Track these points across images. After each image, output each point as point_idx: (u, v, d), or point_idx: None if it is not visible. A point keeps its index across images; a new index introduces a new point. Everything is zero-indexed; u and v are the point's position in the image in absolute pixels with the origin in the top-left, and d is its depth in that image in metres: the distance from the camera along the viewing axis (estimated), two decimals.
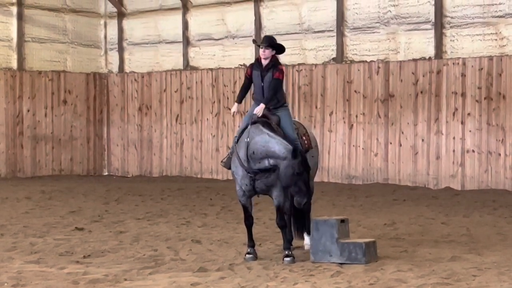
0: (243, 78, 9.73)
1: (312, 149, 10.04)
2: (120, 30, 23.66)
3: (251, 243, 9.65)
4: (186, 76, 22.28)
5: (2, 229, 12.09)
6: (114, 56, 23.81)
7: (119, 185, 19.49)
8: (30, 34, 22.35)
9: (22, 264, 9.29)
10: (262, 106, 9.72)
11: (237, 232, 11.86)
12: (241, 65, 21.27)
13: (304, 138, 9.96)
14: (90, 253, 10.01)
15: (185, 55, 22.34)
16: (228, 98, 21.45)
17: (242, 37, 21.27)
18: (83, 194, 17.36)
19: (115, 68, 23.81)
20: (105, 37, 23.90)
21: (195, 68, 22.22)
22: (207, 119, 21.92)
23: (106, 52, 23.94)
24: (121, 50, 23.68)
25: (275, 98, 9.81)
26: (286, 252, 9.40)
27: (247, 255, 9.51)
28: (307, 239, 9.96)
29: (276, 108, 9.85)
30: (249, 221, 9.73)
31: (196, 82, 22.10)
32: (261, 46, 9.75)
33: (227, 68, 21.54)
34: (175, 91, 22.46)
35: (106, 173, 23.52)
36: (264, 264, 9.15)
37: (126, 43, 23.66)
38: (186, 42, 22.36)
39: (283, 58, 20.46)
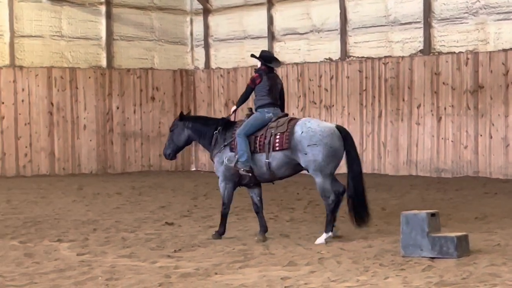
0: (329, 72, 9.97)
1: (287, 149, 10.30)
2: (206, 27, 23.87)
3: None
4: None
5: (95, 224, 12.36)
6: (200, 53, 24.05)
7: (207, 180, 19.66)
8: (118, 33, 22.78)
9: (115, 258, 9.48)
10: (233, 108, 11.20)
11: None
12: (326, 59, 21.20)
13: (278, 137, 10.38)
14: (180, 247, 10.13)
15: (270, 50, 22.35)
16: (313, 92, 21.41)
17: (328, 31, 21.19)
18: (172, 189, 17.59)
19: (201, 64, 24.04)
20: (191, 33, 24.16)
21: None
22: (293, 113, 21.89)
23: (192, 48, 24.21)
24: (207, 46, 23.89)
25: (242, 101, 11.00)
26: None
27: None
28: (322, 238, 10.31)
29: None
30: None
31: (282, 77, 22.08)
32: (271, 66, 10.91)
33: (312, 63, 21.50)
34: None
35: (194, 169, 23.79)
36: (354, 258, 9.11)
37: (211, 40, 23.86)
38: (271, 37, 22.41)
39: (369, 51, 20.43)
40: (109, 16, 22.59)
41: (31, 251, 9.92)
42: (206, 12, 23.86)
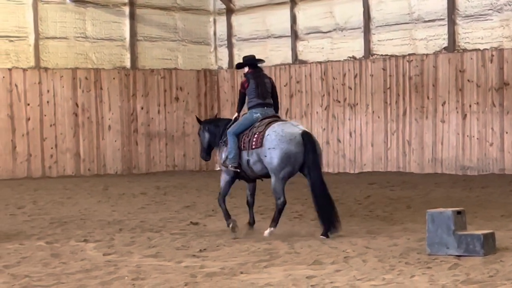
0: (352, 70, 10.20)
1: (262, 148, 10.82)
2: (229, 26, 23.90)
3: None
4: (295, 70, 22.32)
5: (121, 224, 12.41)
6: (223, 52, 24.08)
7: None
8: (142, 33, 22.87)
9: (141, 258, 9.50)
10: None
11: (350, 225, 11.80)
12: (350, 57, 21.15)
13: (256, 136, 10.95)
14: (205, 247, 10.14)
15: (294, 49, 22.38)
16: (337, 91, 21.38)
17: (351, 29, 21.14)
18: (196, 189, 17.63)
19: (224, 64, 24.08)
20: (215, 33, 24.20)
21: (304, 62, 22.23)
22: (317, 112, 21.89)
23: (215, 48, 24.24)
24: (230, 46, 23.92)
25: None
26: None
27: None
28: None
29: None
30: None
31: (305, 76, 22.10)
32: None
33: (336, 61, 21.46)
34: (284, 85, 22.53)
35: (218, 168, 23.76)
36: (379, 257, 9.07)
37: (235, 39, 23.88)
38: (295, 36, 22.39)
39: (392, 49, 20.35)
40: (132, 17, 22.69)
41: (57, 252, 9.98)
42: (229, 12, 23.89)
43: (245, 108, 11.45)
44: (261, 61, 11.73)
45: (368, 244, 10.02)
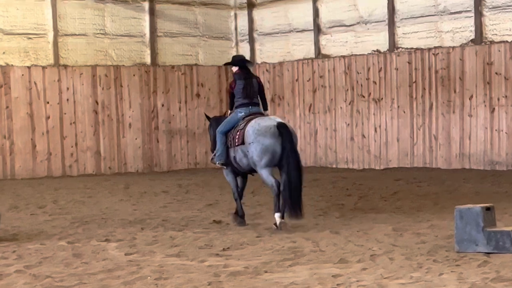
0: (377, 64, 10.40)
1: (243, 145, 11.57)
2: (250, 21, 23.90)
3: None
4: (318, 65, 22.28)
5: (142, 223, 12.45)
6: (245, 48, 24.08)
7: (254, 177, 19.66)
8: (162, 29, 22.93)
9: (164, 257, 9.53)
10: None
11: (376, 222, 11.77)
12: (374, 51, 21.08)
13: (238, 134, 11.71)
14: (229, 245, 10.15)
15: (317, 43, 22.34)
16: (361, 86, 21.31)
17: (375, 22, 21.07)
18: (218, 187, 17.63)
19: None
20: (236, 28, 24.21)
21: (327, 56, 22.18)
22: (341, 107, 21.85)
23: (237, 43, 24.25)
24: (251, 41, 23.92)
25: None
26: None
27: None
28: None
29: None
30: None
31: (329, 70, 22.06)
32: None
33: (360, 55, 21.40)
34: (307, 80, 22.50)
35: None
36: (406, 255, 9.04)
37: (256, 34, 23.88)
38: (317, 30, 22.35)
39: (418, 42, 20.25)
40: (152, 12, 22.75)
41: (79, 251, 10.02)
42: (250, 6, 23.88)
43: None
44: (250, 62, 12.56)
45: (395, 241, 9.99)
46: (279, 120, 11.58)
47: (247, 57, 23.92)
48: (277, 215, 11.31)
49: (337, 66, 21.88)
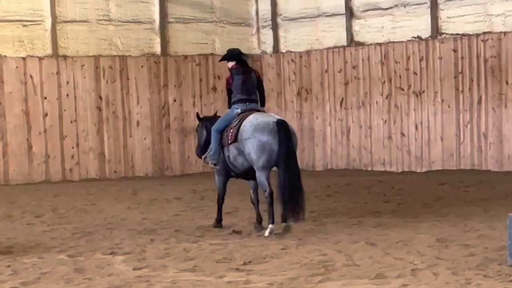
0: (418, 53, 10.63)
1: (237, 142, 12.20)
2: (273, 4, 23.91)
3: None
4: (351, 53, 22.26)
5: (152, 234, 12.50)
6: (267, 35, 24.11)
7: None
8: (173, 15, 22.98)
9: (177, 272, 9.57)
10: None
11: (418, 232, 11.76)
12: (414, 37, 21.04)
13: (231, 131, 12.36)
14: (250, 259, 10.18)
15: (349, 29, 22.32)
16: (400, 77, 21.28)
17: (415, 4, 21.03)
18: (238, 193, 17.63)
19: (269, 48, 24.10)
20: (257, 13, 24.23)
21: (360, 44, 22.17)
22: (377, 102, 21.83)
23: (258, 30, 24.28)
24: (275, 27, 23.94)
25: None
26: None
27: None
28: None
29: None
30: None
31: (363, 60, 22.04)
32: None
33: (398, 42, 21.37)
34: (338, 71, 22.49)
35: None
36: (453, 269, 9.04)
37: (280, 19, 23.90)
38: (350, 14, 22.33)
39: (464, 27, 20.17)
40: None
41: (81, 266, 10.09)
42: None
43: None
44: (246, 56, 13.06)
45: (439, 254, 9.98)
46: (279, 117, 12.18)
47: (270, 45, 24.00)
48: (269, 227, 11.96)
49: (372, 55, 21.85)
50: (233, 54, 12.87)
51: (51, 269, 9.93)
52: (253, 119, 12.09)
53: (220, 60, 13.67)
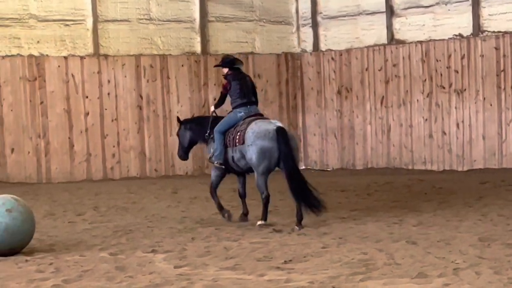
0: (459, 51, 10.91)
1: (242, 145, 13.03)
2: (314, 3, 23.87)
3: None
4: (391, 52, 22.17)
5: (193, 232, 12.54)
6: (307, 33, 24.08)
7: (319, 179, 19.63)
8: (213, 13, 23.03)
9: (217, 270, 9.59)
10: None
11: (459, 231, 11.69)
12: (456, 35, 20.91)
13: (238, 134, 13.17)
14: (291, 257, 10.17)
15: (389, 27, 22.23)
16: (441, 75, 21.16)
17: (457, 2, 20.90)
18: (278, 191, 17.61)
19: (309, 46, 24.07)
20: (297, 11, 24.21)
21: (401, 42, 22.06)
22: (417, 100, 21.72)
23: (298, 28, 24.25)
24: (315, 25, 23.90)
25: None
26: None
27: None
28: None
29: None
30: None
31: (403, 58, 21.94)
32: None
33: (439, 40, 21.24)
34: (378, 70, 22.41)
35: (303, 167, 23.80)
36: (495, 268, 8.96)
37: (320, 17, 23.85)
38: (390, 12, 22.24)
39: (507, 24, 20.00)
40: None
41: (123, 264, 10.13)
42: None
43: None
44: (240, 62, 13.79)
45: (481, 253, 9.91)
46: (279, 124, 12.99)
47: (310, 43, 23.97)
48: (261, 222, 12.96)
49: (413, 53, 21.74)
50: (228, 61, 13.68)
51: (93, 267, 9.99)
52: (255, 127, 12.94)
53: (215, 66, 14.80)
